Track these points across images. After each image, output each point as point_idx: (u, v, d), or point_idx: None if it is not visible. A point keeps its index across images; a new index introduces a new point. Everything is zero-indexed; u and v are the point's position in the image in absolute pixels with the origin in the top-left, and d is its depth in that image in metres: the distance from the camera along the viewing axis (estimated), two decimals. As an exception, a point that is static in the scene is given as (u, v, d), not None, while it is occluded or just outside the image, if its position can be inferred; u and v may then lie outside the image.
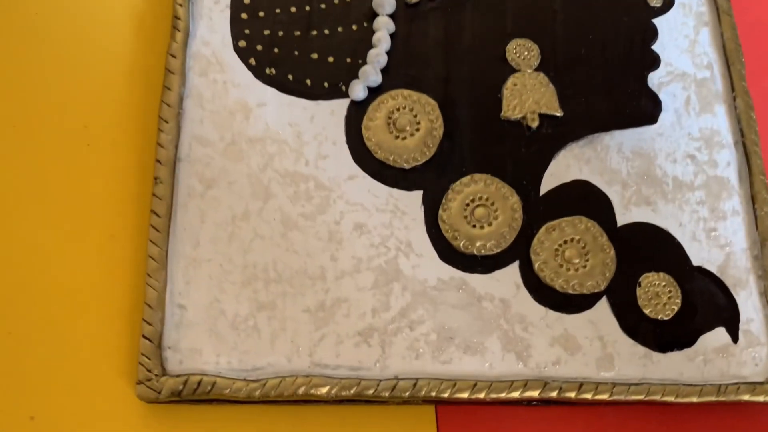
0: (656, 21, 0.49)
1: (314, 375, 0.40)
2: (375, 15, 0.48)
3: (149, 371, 0.40)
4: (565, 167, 0.45)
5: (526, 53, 0.47)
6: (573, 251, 0.43)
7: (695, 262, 0.44)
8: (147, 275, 0.41)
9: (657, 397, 0.41)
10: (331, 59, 0.47)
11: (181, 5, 0.47)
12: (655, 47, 0.48)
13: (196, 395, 0.40)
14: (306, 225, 0.43)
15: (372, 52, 0.46)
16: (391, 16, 0.48)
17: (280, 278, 0.42)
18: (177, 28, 0.46)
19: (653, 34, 0.48)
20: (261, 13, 0.48)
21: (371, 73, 0.46)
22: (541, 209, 0.44)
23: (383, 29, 0.47)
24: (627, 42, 0.48)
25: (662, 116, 0.46)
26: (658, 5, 0.49)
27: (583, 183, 0.45)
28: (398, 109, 0.46)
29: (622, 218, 0.44)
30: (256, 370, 0.41)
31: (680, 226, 0.44)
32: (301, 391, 0.40)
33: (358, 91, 0.45)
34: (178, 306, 0.41)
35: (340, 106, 0.46)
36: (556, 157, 0.45)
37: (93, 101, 0.47)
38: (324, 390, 0.40)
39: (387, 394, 0.40)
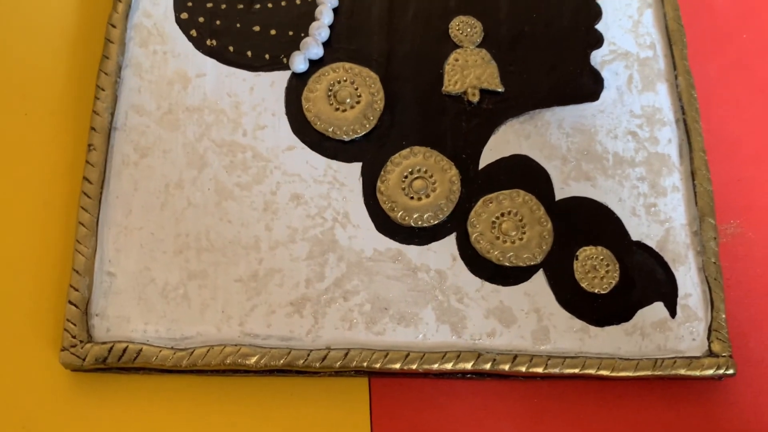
0: (600, 1, 0.49)
1: (243, 344, 0.39)
2: (319, -11, 0.48)
3: (74, 338, 0.39)
4: (504, 142, 0.45)
5: (468, 30, 0.47)
6: (510, 224, 0.43)
7: (634, 237, 0.44)
8: (76, 241, 0.41)
9: (592, 371, 0.40)
10: (273, 32, 0.47)
11: (123, -27, 0.47)
12: (599, 27, 0.48)
13: (122, 363, 0.39)
14: (241, 195, 0.43)
15: (314, 25, 0.46)
16: (336, -8, 0.48)
17: (213, 247, 0.41)
18: (118, -4, 0.46)
19: (597, 13, 0.48)
20: (204, -14, 0.48)
21: (312, 45, 0.45)
22: (479, 182, 0.44)
23: (326, 2, 0.47)
24: (571, 20, 0.48)
25: (604, 94, 0.46)
26: (603, -15, 0.50)
27: (522, 157, 0.45)
28: (339, 82, 0.45)
29: (561, 193, 0.44)
30: (184, 339, 0.40)
31: (620, 201, 0.44)
32: (229, 360, 0.39)
33: (298, 62, 0.45)
34: (107, 273, 0.40)
35: (281, 77, 0.46)
36: (496, 132, 0.45)
37: (31, 71, 0.46)
38: (253, 360, 0.39)
39: (318, 365, 0.39)
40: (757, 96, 0.50)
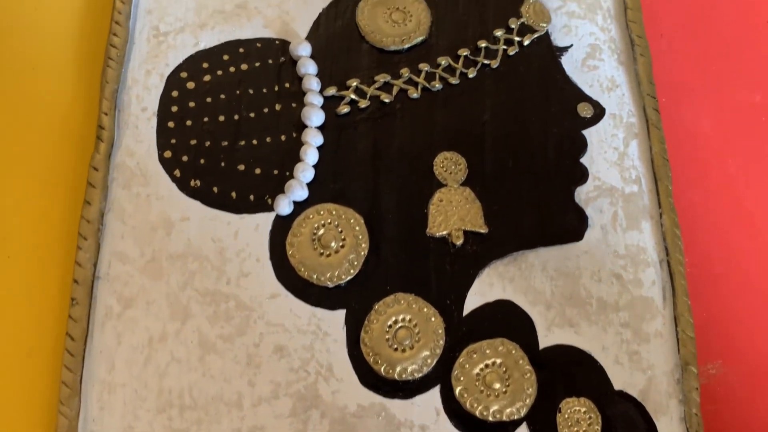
0: (586, 132, 0.49)
1: (227, 508, 0.40)
2: (304, 126, 0.48)
3: (57, 505, 0.39)
4: (488, 285, 0.45)
5: (453, 167, 0.47)
6: (494, 376, 0.43)
7: (617, 386, 0.44)
8: (60, 403, 0.40)
9: None
10: (258, 171, 0.47)
11: (106, 114, 0.46)
12: (584, 159, 0.49)
13: None
14: (224, 348, 0.43)
15: (298, 166, 0.46)
16: (321, 126, 0.48)
17: (196, 405, 0.41)
18: (101, 138, 0.46)
19: (582, 146, 0.49)
20: (188, 122, 0.47)
21: (297, 188, 0.45)
22: (463, 330, 0.44)
23: (311, 142, 0.46)
24: (556, 154, 0.48)
25: (589, 232, 0.46)
26: (589, 115, 0.50)
27: (506, 303, 0.45)
28: (323, 225, 0.45)
29: (545, 340, 0.44)
30: (168, 501, 0.40)
31: (603, 350, 0.44)
32: None
33: (283, 206, 0.45)
34: (90, 433, 0.41)
35: (266, 220, 0.45)
36: (480, 274, 0.45)
37: (15, 217, 0.46)
38: None
39: None
40: (740, 224, 0.50)
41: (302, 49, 0.49)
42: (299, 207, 0.46)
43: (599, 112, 0.50)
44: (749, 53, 0.55)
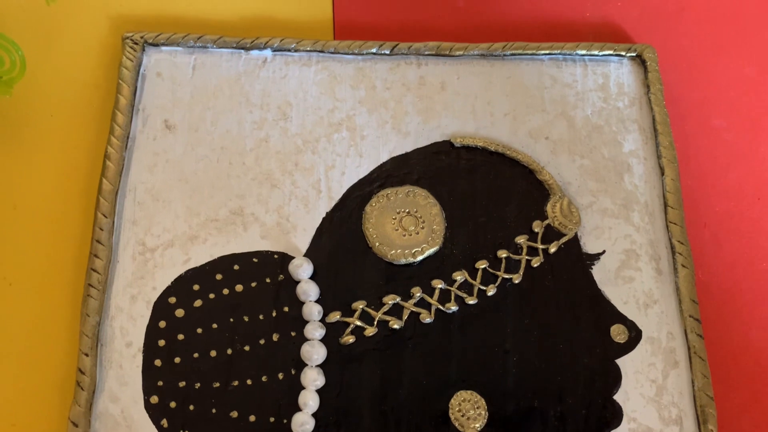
0: (620, 360, 0.44)
1: None
2: (303, 363, 0.43)
3: None
4: None
5: (471, 411, 0.42)
6: None
7: None
8: None
9: None
10: (252, 418, 0.42)
11: (87, 354, 0.42)
12: (618, 396, 0.43)
13: None
14: None
15: (297, 419, 0.41)
16: (324, 364, 0.43)
17: None
18: (81, 386, 0.41)
19: (616, 380, 0.43)
20: (177, 359, 0.43)
21: (295, 446, 0.41)
22: None
23: (311, 387, 0.42)
24: (586, 391, 0.43)
25: (623, 491, 0.42)
26: (623, 341, 0.44)
27: None
28: (325, 488, 0.41)
29: None
30: None
31: None
32: None
33: (280, 466, 0.41)
34: None
35: (261, 480, 0.41)
36: None
37: None
38: None
39: None
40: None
41: (302, 272, 0.44)
42: (298, 462, 0.42)
43: (635, 335, 0.44)
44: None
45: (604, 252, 0.46)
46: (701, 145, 0.51)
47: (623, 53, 0.53)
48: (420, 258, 0.45)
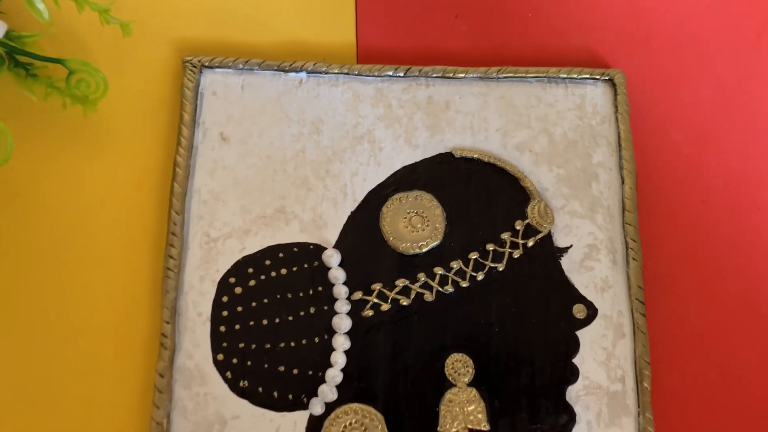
0: (580, 333, 0.56)
1: None
2: (334, 330, 0.55)
3: None
4: (489, 481, 0.54)
5: (462, 369, 0.55)
6: None
7: None
8: None
9: None
10: (295, 371, 0.55)
11: (168, 322, 0.55)
12: (576, 359, 0.55)
13: None
14: None
15: (329, 372, 0.54)
16: (349, 331, 0.55)
17: None
18: (164, 346, 0.54)
19: (575, 347, 0.56)
20: (237, 326, 0.55)
21: (328, 393, 0.53)
22: None
23: (339, 349, 0.55)
24: (551, 355, 0.55)
25: (575, 428, 0.54)
26: (583, 317, 0.56)
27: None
28: (350, 424, 0.54)
29: None
30: None
31: None
32: None
33: (316, 407, 0.53)
34: None
35: (302, 417, 0.54)
36: (485, 480, 0.54)
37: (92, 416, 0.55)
38: None
39: None
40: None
41: (333, 261, 0.56)
42: (330, 406, 0.54)
43: (592, 313, 0.56)
44: (740, 246, 0.60)
45: (571, 246, 0.58)
46: (660, 156, 0.62)
47: (598, 77, 0.63)
48: (425, 250, 0.57)
